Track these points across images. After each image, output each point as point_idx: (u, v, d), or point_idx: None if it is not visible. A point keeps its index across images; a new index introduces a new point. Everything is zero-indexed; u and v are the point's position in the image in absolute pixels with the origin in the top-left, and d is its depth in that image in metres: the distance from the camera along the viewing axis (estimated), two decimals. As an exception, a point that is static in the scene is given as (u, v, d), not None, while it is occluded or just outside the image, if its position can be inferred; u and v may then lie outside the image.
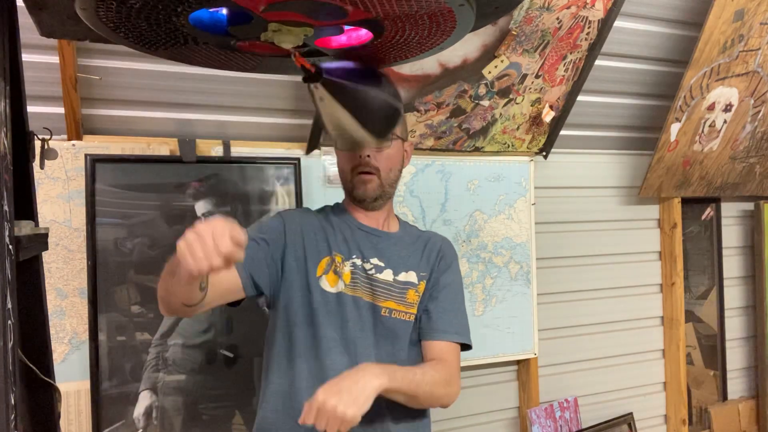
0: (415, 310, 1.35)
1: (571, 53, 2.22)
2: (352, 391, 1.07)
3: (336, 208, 1.44)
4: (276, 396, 1.32)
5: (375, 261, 1.34)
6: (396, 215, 1.47)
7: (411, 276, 1.35)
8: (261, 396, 1.37)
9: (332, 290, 1.31)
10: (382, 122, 1.27)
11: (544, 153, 2.51)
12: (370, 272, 1.33)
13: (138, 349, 1.87)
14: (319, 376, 1.27)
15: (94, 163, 1.80)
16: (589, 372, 2.73)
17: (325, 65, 1.15)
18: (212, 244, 0.92)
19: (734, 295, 3.14)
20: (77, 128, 1.82)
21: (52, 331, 1.54)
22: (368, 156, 1.32)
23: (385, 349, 1.31)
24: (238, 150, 2.00)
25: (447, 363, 1.32)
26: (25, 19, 1.05)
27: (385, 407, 1.26)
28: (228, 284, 1.22)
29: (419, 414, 1.35)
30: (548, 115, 2.37)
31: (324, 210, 1.45)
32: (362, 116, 1.22)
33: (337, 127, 1.24)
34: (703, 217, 3.08)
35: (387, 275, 1.34)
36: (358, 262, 1.33)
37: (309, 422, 1.07)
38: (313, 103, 1.19)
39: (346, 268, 1.32)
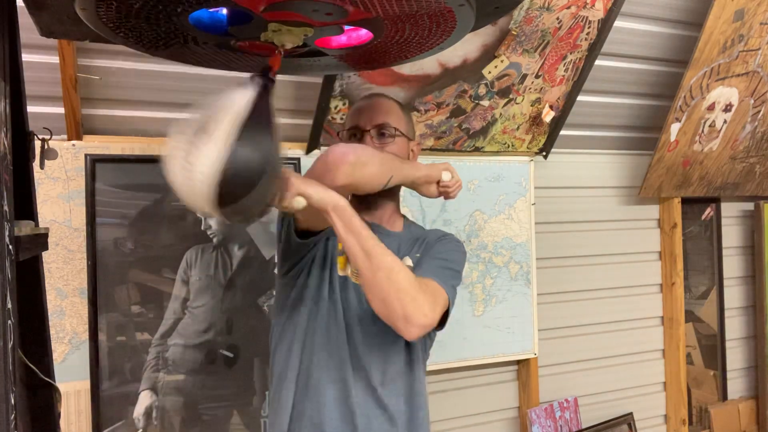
0: None
1: (571, 53, 2.22)
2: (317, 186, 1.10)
3: None
4: (285, 369, 1.31)
5: None
6: (404, 215, 1.46)
7: (407, 261, 1.35)
8: (270, 374, 1.37)
9: (341, 273, 1.31)
10: (239, 181, 0.95)
11: (544, 153, 2.51)
12: None
13: (138, 349, 1.87)
14: (318, 353, 1.28)
15: (94, 163, 1.80)
16: (589, 372, 2.73)
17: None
18: None
19: (734, 295, 3.14)
20: (77, 128, 1.82)
21: (52, 331, 1.54)
22: None
23: (385, 339, 1.31)
24: (238, 150, 2.00)
25: (428, 283, 1.20)
26: (25, 19, 1.05)
27: (376, 409, 1.27)
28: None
29: (413, 416, 1.34)
30: (548, 115, 2.37)
31: None
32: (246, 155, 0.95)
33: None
34: (703, 217, 3.08)
35: None
36: None
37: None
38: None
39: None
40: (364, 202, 1.38)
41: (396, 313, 1.12)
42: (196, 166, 0.92)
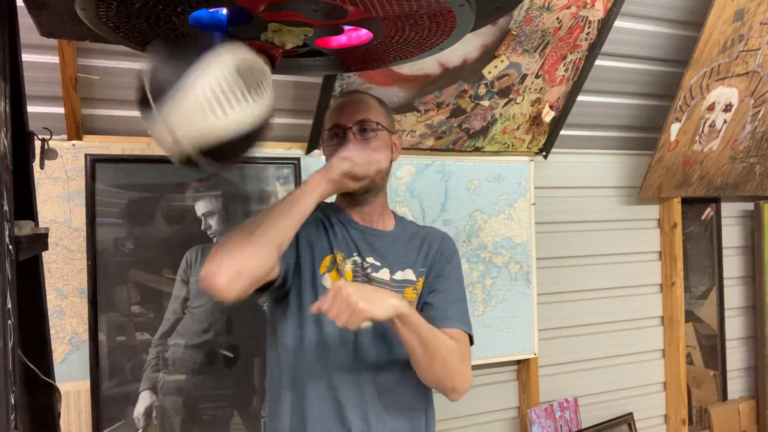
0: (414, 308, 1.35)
1: (571, 53, 2.22)
2: (371, 295, 1.12)
3: (331, 207, 1.43)
4: (280, 389, 1.32)
5: (371, 260, 1.34)
6: (392, 211, 1.47)
7: (408, 274, 1.35)
8: (267, 390, 1.38)
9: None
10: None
11: (544, 153, 2.51)
12: (367, 271, 1.33)
13: (138, 349, 1.87)
14: (320, 373, 1.28)
15: (94, 163, 1.80)
16: (589, 372, 2.73)
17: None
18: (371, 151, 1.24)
19: (734, 295, 3.14)
20: (77, 128, 1.82)
21: (52, 331, 1.54)
22: None
23: (384, 348, 1.32)
24: (238, 150, 2.00)
25: (461, 345, 1.30)
26: (25, 19, 1.05)
27: (387, 401, 1.29)
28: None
29: (422, 410, 1.36)
30: (548, 115, 2.37)
31: (320, 207, 1.44)
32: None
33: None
34: (703, 217, 3.08)
35: (384, 274, 1.34)
36: (358, 260, 1.34)
37: (324, 307, 1.10)
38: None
39: (348, 267, 1.32)
40: (351, 200, 1.37)
41: (446, 386, 1.26)
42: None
